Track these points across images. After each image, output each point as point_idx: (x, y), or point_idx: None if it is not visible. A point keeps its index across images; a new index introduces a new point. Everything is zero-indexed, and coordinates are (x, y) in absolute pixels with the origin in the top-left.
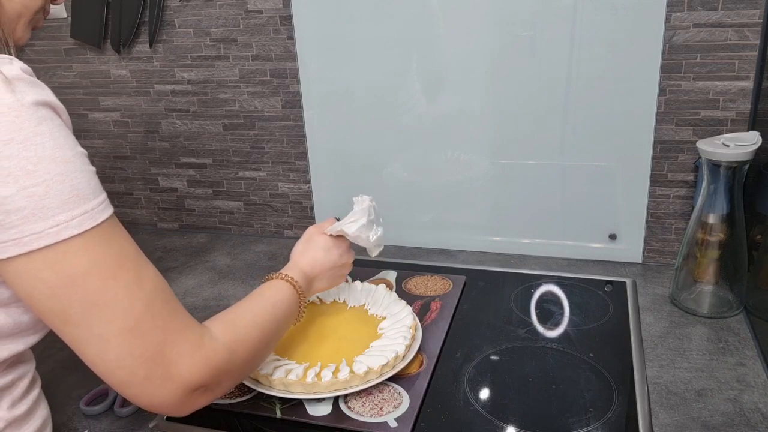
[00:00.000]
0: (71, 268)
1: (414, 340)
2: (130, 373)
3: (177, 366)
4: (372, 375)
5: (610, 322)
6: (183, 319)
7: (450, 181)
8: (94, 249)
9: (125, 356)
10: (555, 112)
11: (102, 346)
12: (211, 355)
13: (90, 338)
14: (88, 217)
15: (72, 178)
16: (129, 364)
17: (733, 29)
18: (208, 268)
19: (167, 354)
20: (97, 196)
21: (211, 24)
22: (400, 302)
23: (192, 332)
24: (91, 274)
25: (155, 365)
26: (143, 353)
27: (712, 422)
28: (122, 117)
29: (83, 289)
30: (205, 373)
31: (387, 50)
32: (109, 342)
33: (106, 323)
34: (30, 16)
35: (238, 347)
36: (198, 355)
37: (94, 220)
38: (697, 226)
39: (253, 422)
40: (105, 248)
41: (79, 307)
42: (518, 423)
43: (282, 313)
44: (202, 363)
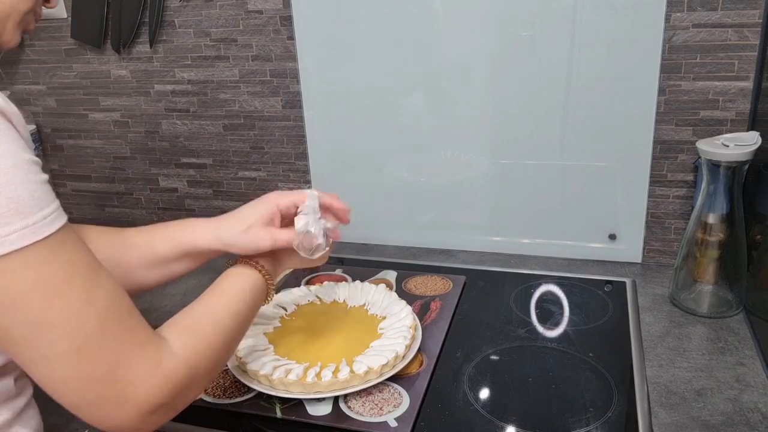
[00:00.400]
0: (11, 287)
1: (414, 340)
2: (79, 396)
3: (132, 387)
4: (372, 375)
5: (609, 322)
6: (139, 337)
7: (450, 181)
8: (37, 266)
9: (72, 378)
10: (555, 112)
11: (48, 367)
12: (170, 374)
13: (35, 359)
14: (28, 232)
15: (9, 190)
16: (77, 386)
17: (733, 29)
18: (208, 268)
19: (120, 375)
20: (42, 208)
21: (211, 24)
22: (400, 302)
23: (149, 350)
24: (34, 293)
25: (107, 387)
26: (91, 375)
27: (712, 422)
28: (122, 117)
29: (25, 308)
30: (164, 393)
31: (387, 50)
32: (56, 363)
33: (51, 344)
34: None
35: (200, 360)
36: (155, 375)
37: (36, 235)
38: (697, 226)
39: (253, 422)
40: (50, 265)
41: (22, 327)
42: (518, 423)
43: (246, 304)
44: (160, 383)
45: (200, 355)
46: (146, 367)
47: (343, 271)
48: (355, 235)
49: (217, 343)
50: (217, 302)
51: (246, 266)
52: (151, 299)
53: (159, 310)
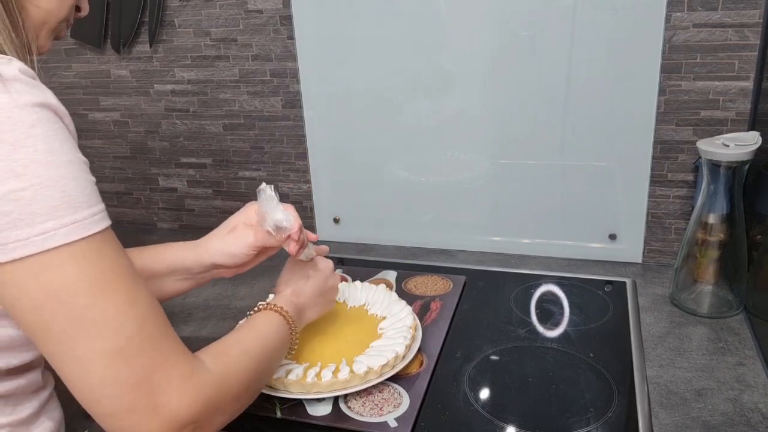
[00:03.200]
0: (56, 281)
1: (414, 340)
2: (115, 402)
3: (165, 396)
4: (372, 375)
5: (610, 322)
6: (175, 347)
7: (450, 181)
8: (83, 262)
9: (109, 381)
10: (555, 112)
11: (84, 368)
12: (202, 387)
13: (72, 359)
14: (78, 227)
15: (63, 184)
16: (113, 391)
17: (733, 29)
18: None
19: (155, 382)
20: (91, 206)
21: (211, 24)
22: (400, 302)
23: (183, 361)
24: (78, 289)
25: (141, 394)
26: (128, 379)
27: (712, 422)
28: (122, 117)
29: (68, 304)
30: (196, 407)
31: (387, 50)
32: (93, 364)
33: (91, 343)
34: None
35: (230, 378)
36: (188, 386)
37: (85, 231)
38: (697, 226)
39: (253, 422)
40: (95, 262)
41: (63, 323)
42: (518, 423)
43: (273, 344)
44: (193, 394)
45: (231, 376)
46: (180, 376)
47: (343, 271)
48: (355, 235)
49: (246, 368)
50: (247, 334)
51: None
52: None
53: None
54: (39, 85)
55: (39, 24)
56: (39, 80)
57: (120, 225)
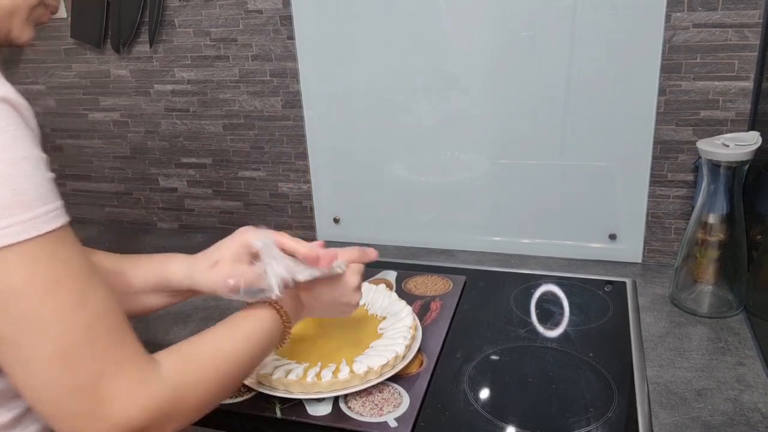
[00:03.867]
0: (5, 281)
1: (414, 340)
2: (57, 406)
3: (111, 404)
4: (372, 375)
5: (610, 322)
6: (127, 351)
7: (450, 181)
8: (33, 262)
9: (54, 386)
10: (555, 112)
11: (29, 371)
12: (152, 397)
13: (17, 362)
14: (30, 226)
15: (15, 182)
16: (57, 395)
17: (733, 29)
18: None
19: (101, 389)
20: (45, 204)
21: (211, 24)
22: (400, 302)
23: (136, 368)
24: (27, 290)
25: (86, 400)
26: (72, 384)
27: (712, 422)
28: (122, 117)
29: (16, 305)
30: (143, 416)
31: (387, 50)
32: (37, 368)
33: (37, 346)
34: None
35: (188, 391)
36: (137, 395)
37: (37, 230)
38: (697, 226)
39: (253, 422)
40: (45, 263)
41: (10, 324)
42: (518, 423)
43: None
44: (141, 404)
45: (189, 387)
46: (129, 384)
47: None
48: (355, 235)
49: (213, 379)
50: (225, 336)
51: (265, 306)
52: None
53: (151, 316)
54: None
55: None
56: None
57: (120, 225)
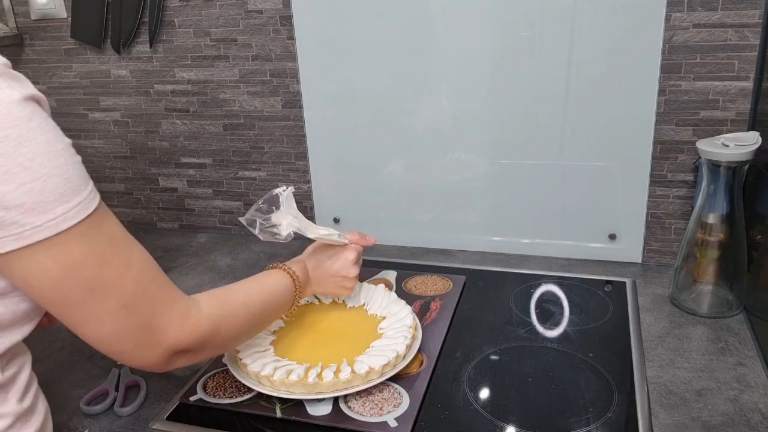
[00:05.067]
0: (71, 257)
1: (414, 340)
2: (125, 344)
3: (164, 334)
4: (373, 375)
5: (610, 322)
6: (170, 293)
7: (450, 181)
8: (90, 236)
9: (119, 330)
10: (555, 112)
11: (99, 323)
12: (195, 326)
13: (88, 318)
14: (82, 207)
15: (65, 171)
16: (122, 336)
17: (733, 29)
18: (208, 268)
19: (156, 325)
20: (87, 185)
21: (211, 24)
22: (400, 302)
23: (178, 304)
24: (88, 261)
25: (145, 335)
26: (135, 325)
27: (712, 422)
28: (122, 117)
29: (82, 275)
30: (190, 340)
31: (387, 50)
32: (105, 319)
33: (102, 303)
34: None
35: (223, 322)
36: (184, 325)
37: (87, 209)
38: (697, 226)
39: (253, 422)
40: (98, 234)
41: (78, 291)
42: (518, 423)
43: (274, 301)
44: (188, 331)
45: (224, 319)
46: (176, 318)
47: None
48: None
49: (241, 316)
50: (251, 287)
51: (283, 272)
52: None
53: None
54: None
55: None
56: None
57: None
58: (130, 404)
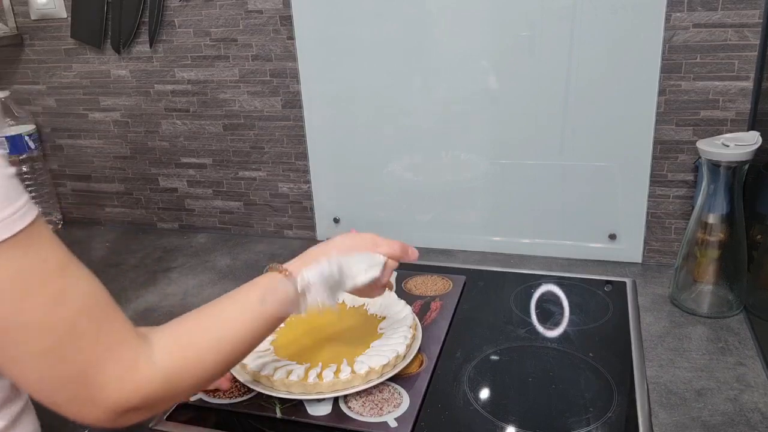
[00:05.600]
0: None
1: (414, 340)
2: (55, 396)
3: (103, 391)
4: (373, 375)
5: (610, 322)
6: (116, 337)
7: (450, 181)
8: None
9: (46, 379)
10: (555, 112)
11: (20, 368)
12: (143, 381)
13: (7, 360)
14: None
15: None
16: (51, 387)
17: (733, 29)
18: (208, 268)
19: (92, 377)
20: (12, 203)
21: (211, 24)
22: (400, 302)
23: (124, 353)
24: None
25: (79, 389)
26: (63, 376)
27: (712, 422)
28: (122, 117)
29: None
30: (136, 399)
31: (387, 50)
32: (27, 364)
33: (22, 345)
34: None
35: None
36: (128, 380)
37: (7, 231)
38: (697, 226)
39: (253, 422)
40: (21, 262)
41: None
42: (518, 423)
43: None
44: (132, 388)
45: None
46: (118, 371)
47: None
48: None
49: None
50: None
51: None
52: (151, 299)
53: (159, 310)
54: None
55: None
56: None
57: (120, 225)
58: None
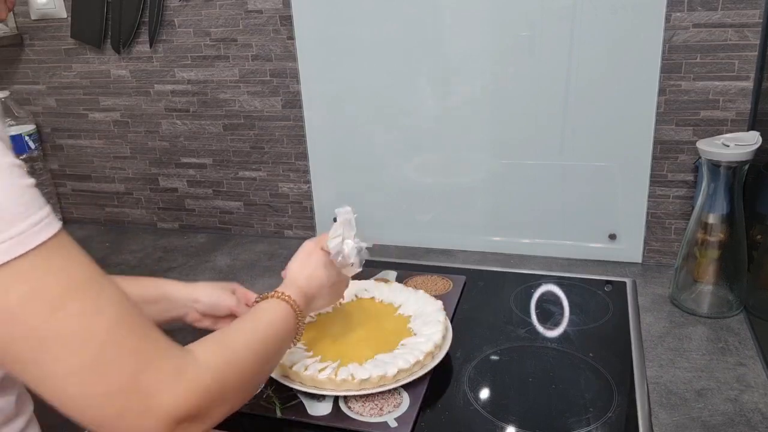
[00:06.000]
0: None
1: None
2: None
3: (156, 397)
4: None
5: (610, 322)
6: (158, 345)
7: (450, 181)
8: (31, 278)
9: (90, 394)
10: (555, 112)
11: (59, 385)
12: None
13: (43, 377)
14: (16, 243)
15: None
16: (96, 402)
17: (733, 29)
18: (208, 268)
19: (141, 386)
20: (29, 215)
21: (211, 24)
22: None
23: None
24: (31, 308)
25: (128, 400)
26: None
27: (712, 422)
28: (122, 117)
29: (24, 324)
30: (191, 402)
31: (386, 50)
32: (67, 381)
33: (59, 361)
34: None
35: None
36: (180, 382)
37: (24, 246)
38: (697, 226)
39: (253, 422)
40: (45, 275)
41: (24, 344)
42: (518, 423)
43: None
44: (186, 390)
45: (230, 366)
46: (168, 375)
47: None
48: None
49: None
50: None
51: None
52: None
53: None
54: None
55: None
56: None
57: (120, 225)
58: None
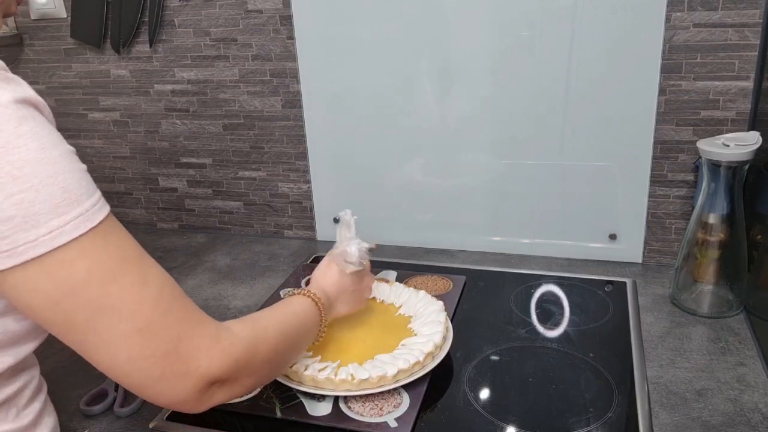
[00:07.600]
0: (70, 276)
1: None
2: (146, 375)
3: (195, 361)
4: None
5: (610, 322)
6: (196, 315)
7: (450, 181)
8: (92, 253)
9: (137, 358)
10: (555, 112)
11: (111, 350)
12: (229, 348)
13: (98, 344)
14: (83, 220)
15: (61, 180)
16: (142, 365)
17: (733, 29)
18: (208, 268)
19: (183, 350)
20: (90, 195)
21: (211, 24)
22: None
23: (207, 327)
24: (92, 280)
25: (171, 363)
26: (156, 352)
27: (712, 422)
28: (122, 117)
29: (85, 296)
30: (225, 366)
31: (387, 50)
32: (119, 345)
33: (113, 328)
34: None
35: (258, 343)
36: (216, 348)
37: (90, 222)
38: (697, 226)
39: (253, 422)
40: (103, 250)
41: (83, 314)
42: (518, 423)
43: (302, 326)
44: (221, 355)
45: (259, 341)
46: (206, 342)
47: None
48: None
49: (275, 338)
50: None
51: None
52: None
53: None
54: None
55: None
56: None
57: None
58: (130, 405)
